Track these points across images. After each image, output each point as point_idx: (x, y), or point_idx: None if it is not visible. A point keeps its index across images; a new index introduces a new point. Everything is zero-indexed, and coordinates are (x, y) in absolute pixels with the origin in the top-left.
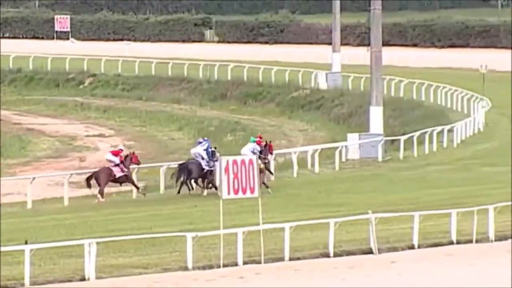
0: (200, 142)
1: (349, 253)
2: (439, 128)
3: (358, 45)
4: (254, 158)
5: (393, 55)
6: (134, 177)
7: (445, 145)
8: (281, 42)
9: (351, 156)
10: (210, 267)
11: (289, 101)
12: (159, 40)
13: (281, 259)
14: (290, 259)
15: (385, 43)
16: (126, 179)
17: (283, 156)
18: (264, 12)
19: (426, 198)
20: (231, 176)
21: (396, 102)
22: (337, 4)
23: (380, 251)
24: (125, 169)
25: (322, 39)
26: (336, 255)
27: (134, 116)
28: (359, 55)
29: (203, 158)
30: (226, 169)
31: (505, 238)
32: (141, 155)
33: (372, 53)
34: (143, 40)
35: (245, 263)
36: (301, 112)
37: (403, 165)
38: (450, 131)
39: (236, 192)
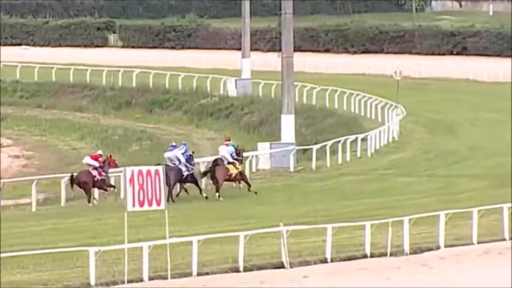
0: (174, 146)
1: (260, 268)
2: (352, 137)
3: (269, 50)
4: (161, 168)
5: (305, 61)
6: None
7: (358, 154)
8: (189, 47)
9: (262, 166)
10: (114, 283)
11: (197, 108)
12: (60, 45)
13: (189, 274)
14: (198, 274)
15: (297, 49)
16: (103, 183)
17: None
18: (170, 16)
19: (340, 210)
20: (136, 187)
21: (308, 110)
22: (246, 8)
23: (291, 265)
24: (103, 173)
25: (231, 44)
26: (246, 269)
27: (34, 124)
28: (270, 61)
29: (180, 162)
30: (131, 180)
31: (420, 250)
32: (41, 165)
33: (283, 58)
34: (43, 45)
35: (151, 278)
36: (210, 120)
37: (316, 175)
38: (364, 140)
39: (141, 204)
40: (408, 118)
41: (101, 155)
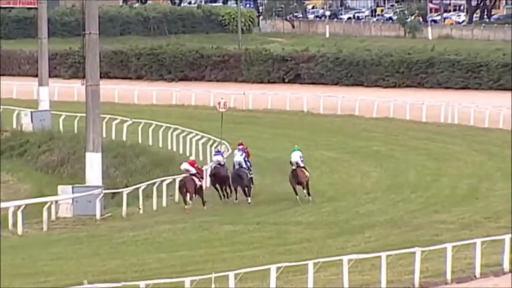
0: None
1: None
2: (169, 179)
3: (71, 77)
4: None
5: (114, 90)
6: None
7: (177, 199)
8: None
9: (63, 213)
10: None
11: None
12: None
13: None
14: None
15: (104, 75)
16: (201, 190)
17: None
18: None
19: (155, 264)
20: None
21: (118, 147)
22: (44, 27)
23: None
24: (201, 180)
25: (26, 69)
26: None
27: None
28: (72, 89)
29: (241, 167)
30: None
31: None
32: None
33: (88, 87)
34: None
35: None
36: (0, 160)
37: (127, 223)
38: None
39: None
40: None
41: (194, 161)
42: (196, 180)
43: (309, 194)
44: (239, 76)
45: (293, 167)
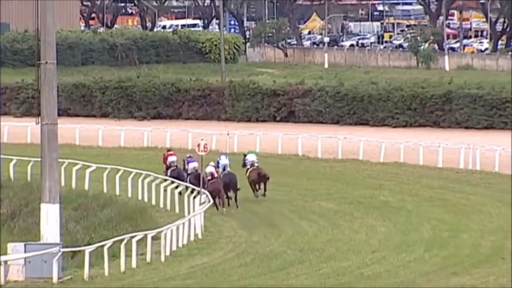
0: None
1: None
2: (140, 235)
3: (24, 115)
4: None
5: (75, 130)
6: None
7: (148, 258)
8: None
9: (14, 276)
10: None
11: None
12: None
13: None
14: None
15: (63, 112)
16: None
17: None
18: None
19: None
20: None
21: (79, 197)
22: None
23: None
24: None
25: None
26: None
27: None
28: (25, 129)
29: (224, 169)
30: None
31: None
32: None
33: (44, 126)
34: None
35: None
36: None
37: (88, 287)
38: (156, 238)
39: None
40: (213, 209)
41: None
42: (221, 184)
43: (264, 195)
44: (223, 113)
45: (248, 167)
